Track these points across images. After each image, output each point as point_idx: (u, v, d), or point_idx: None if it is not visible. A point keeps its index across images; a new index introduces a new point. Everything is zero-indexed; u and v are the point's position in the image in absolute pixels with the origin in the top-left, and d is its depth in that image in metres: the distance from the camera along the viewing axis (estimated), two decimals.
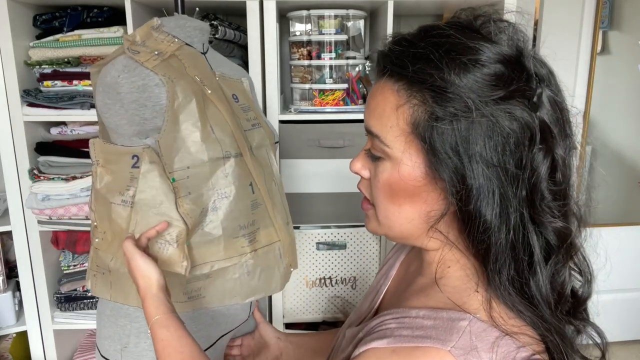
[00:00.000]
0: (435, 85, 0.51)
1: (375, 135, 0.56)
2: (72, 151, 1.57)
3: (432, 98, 0.51)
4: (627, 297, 2.41)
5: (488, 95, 0.50)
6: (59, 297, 1.66)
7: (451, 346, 0.50)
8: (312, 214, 1.64)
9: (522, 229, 0.52)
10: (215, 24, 1.53)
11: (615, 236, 2.33)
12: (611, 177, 2.49)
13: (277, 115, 1.56)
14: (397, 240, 0.63)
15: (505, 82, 0.50)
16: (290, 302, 1.73)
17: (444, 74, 0.50)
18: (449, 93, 0.50)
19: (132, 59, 0.84)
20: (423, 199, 0.56)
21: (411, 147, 0.54)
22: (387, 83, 0.55)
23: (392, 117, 0.54)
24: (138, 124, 0.84)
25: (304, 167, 1.60)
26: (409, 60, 0.53)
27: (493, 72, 0.51)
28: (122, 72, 0.83)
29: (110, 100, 0.84)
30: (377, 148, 0.57)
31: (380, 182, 0.57)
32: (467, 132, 0.50)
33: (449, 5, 1.74)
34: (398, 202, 0.57)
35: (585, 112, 2.24)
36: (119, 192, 0.87)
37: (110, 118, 0.85)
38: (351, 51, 1.65)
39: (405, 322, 0.57)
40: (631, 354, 2.40)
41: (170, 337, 0.73)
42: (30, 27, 1.55)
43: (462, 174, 0.51)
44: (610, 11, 2.23)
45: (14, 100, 1.49)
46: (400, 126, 0.54)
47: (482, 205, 0.51)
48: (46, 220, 1.56)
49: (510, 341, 0.52)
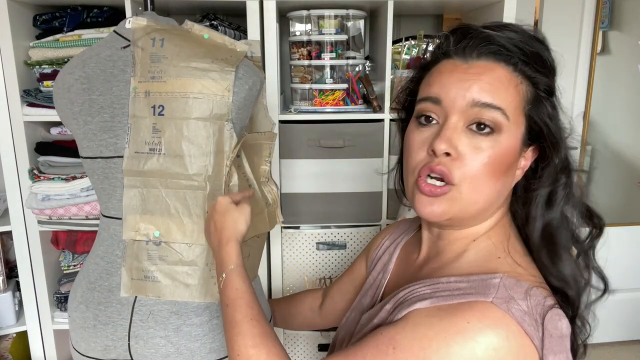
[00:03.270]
0: (540, 71, 0.65)
1: (498, 107, 0.61)
2: (72, 151, 1.57)
3: (537, 83, 0.64)
4: (627, 297, 2.41)
5: (554, 84, 0.67)
6: (59, 297, 1.66)
7: (492, 297, 0.56)
8: (312, 214, 1.64)
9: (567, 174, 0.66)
10: (215, 24, 1.53)
11: (615, 236, 2.33)
12: (611, 177, 2.49)
13: (277, 115, 1.55)
14: (461, 219, 0.67)
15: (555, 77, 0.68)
16: None
17: (548, 70, 0.66)
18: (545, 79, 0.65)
19: (252, 60, 1.01)
20: (513, 171, 0.65)
21: (519, 120, 0.63)
22: (497, 64, 0.63)
23: (512, 93, 0.63)
24: (249, 117, 0.99)
25: (304, 167, 1.60)
26: (527, 50, 0.64)
27: (554, 69, 0.68)
28: (259, 72, 0.99)
29: (250, 97, 0.95)
30: (493, 120, 0.62)
31: (489, 155, 0.62)
32: (551, 108, 0.65)
33: (449, 5, 1.74)
34: (499, 174, 0.63)
35: (585, 112, 2.24)
36: (256, 179, 1.00)
37: (242, 114, 0.95)
38: (351, 51, 1.65)
39: (439, 287, 0.62)
40: (631, 354, 2.40)
41: (244, 289, 0.73)
42: (30, 27, 1.55)
43: (554, 135, 0.64)
44: (610, 11, 2.24)
45: (14, 100, 1.49)
46: (516, 101, 0.63)
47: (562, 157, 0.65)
48: (46, 220, 1.56)
49: (538, 291, 0.59)
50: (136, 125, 0.92)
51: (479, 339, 0.54)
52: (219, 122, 0.90)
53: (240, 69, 0.92)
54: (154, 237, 0.92)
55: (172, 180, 0.91)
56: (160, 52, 0.90)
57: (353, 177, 1.60)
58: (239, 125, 0.94)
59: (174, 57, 0.90)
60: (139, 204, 0.93)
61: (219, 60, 0.91)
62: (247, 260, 0.98)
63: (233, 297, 0.72)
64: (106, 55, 0.96)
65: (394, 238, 0.87)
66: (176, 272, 0.92)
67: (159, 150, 0.90)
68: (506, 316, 0.55)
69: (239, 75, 0.92)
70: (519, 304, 0.56)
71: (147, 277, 0.92)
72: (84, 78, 0.96)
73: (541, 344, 0.56)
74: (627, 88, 2.37)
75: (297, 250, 1.68)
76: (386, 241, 0.89)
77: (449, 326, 0.55)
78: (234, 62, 0.92)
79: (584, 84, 2.21)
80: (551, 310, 0.58)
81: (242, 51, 0.96)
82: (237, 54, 0.94)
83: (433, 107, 0.64)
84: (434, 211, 0.63)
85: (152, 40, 0.91)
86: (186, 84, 0.89)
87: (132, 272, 0.94)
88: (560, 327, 0.58)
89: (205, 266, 0.92)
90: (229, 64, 0.91)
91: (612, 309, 2.42)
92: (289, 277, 1.70)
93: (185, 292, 0.91)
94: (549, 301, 0.59)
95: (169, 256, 0.92)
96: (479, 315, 0.55)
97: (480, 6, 1.66)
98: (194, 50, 0.91)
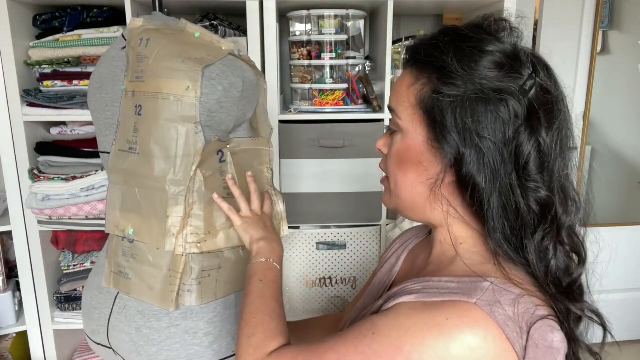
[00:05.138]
0: (438, 65, 0.61)
1: (392, 109, 0.67)
2: (72, 151, 1.57)
3: (437, 78, 0.61)
4: (627, 297, 2.41)
5: (483, 77, 0.58)
6: (59, 297, 1.66)
7: (477, 298, 0.56)
8: (312, 214, 1.64)
9: (512, 194, 0.59)
10: (215, 24, 1.53)
11: (615, 236, 2.33)
12: (611, 177, 2.49)
13: (277, 115, 1.56)
14: (406, 213, 0.71)
15: (498, 67, 0.59)
16: (290, 302, 1.73)
17: (446, 57, 0.60)
18: (449, 72, 0.59)
19: (241, 59, 0.93)
20: (424, 167, 0.64)
21: (416, 119, 0.63)
22: (407, 69, 0.66)
23: (405, 95, 0.65)
24: (237, 119, 0.93)
25: (304, 167, 1.60)
26: (423, 49, 0.64)
27: (490, 58, 0.59)
28: (245, 72, 0.91)
29: (227, 98, 0.89)
30: (393, 122, 0.67)
31: (393, 152, 0.67)
32: (462, 106, 0.58)
33: (449, 5, 1.74)
34: (404, 169, 0.66)
35: (585, 112, 2.24)
36: (222, 187, 0.92)
37: (217, 116, 0.89)
38: (351, 51, 1.65)
39: (429, 285, 0.62)
40: (631, 354, 2.40)
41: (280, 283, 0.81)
42: (30, 27, 1.55)
43: (456, 142, 0.59)
44: (610, 11, 2.24)
45: (14, 100, 1.49)
46: (410, 101, 0.64)
47: (474, 170, 0.59)
48: (46, 220, 1.56)
49: (529, 300, 0.57)
50: (123, 124, 0.93)
51: (455, 335, 0.54)
52: (188, 124, 0.86)
53: (216, 68, 0.87)
54: (128, 235, 0.93)
55: (143, 180, 0.90)
56: (144, 52, 0.90)
57: (353, 177, 1.60)
58: (215, 129, 0.89)
59: (152, 57, 0.88)
60: (120, 200, 0.94)
61: (190, 60, 0.86)
62: None
63: (272, 279, 0.80)
64: (112, 56, 0.98)
65: (403, 241, 0.88)
66: (143, 272, 0.91)
67: (135, 149, 0.90)
68: (488, 318, 0.54)
69: (211, 76, 0.86)
70: (504, 308, 0.55)
71: (121, 272, 0.94)
72: (97, 77, 0.99)
73: (523, 352, 0.55)
74: (627, 88, 2.37)
75: (297, 250, 1.68)
76: (396, 244, 0.89)
77: (427, 319, 0.56)
78: (210, 60, 0.86)
79: (584, 84, 2.20)
80: (542, 320, 0.56)
81: (226, 49, 0.90)
82: (220, 52, 0.89)
83: None
84: (383, 199, 0.75)
85: (140, 40, 0.91)
86: (159, 84, 0.87)
87: (112, 264, 0.96)
88: (550, 339, 0.56)
89: (167, 272, 0.89)
90: (200, 63, 0.85)
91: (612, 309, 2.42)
92: (289, 277, 1.70)
93: (148, 293, 0.91)
94: (541, 311, 0.57)
95: (139, 255, 0.92)
96: (459, 314, 0.55)
97: (480, 6, 1.66)
98: (171, 49, 0.88)
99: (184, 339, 0.90)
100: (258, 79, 0.96)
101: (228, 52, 0.90)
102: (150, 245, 0.90)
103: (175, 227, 0.88)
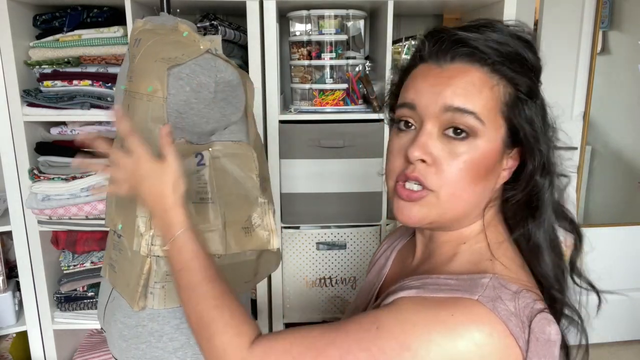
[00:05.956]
0: (518, 71, 0.62)
1: (470, 112, 0.60)
2: (72, 151, 1.57)
3: (517, 83, 0.62)
4: (627, 297, 2.41)
5: (536, 85, 0.64)
6: (59, 297, 1.66)
7: (479, 295, 0.56)
8: (312, 214, 1.64)
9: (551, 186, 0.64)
10: (215, 24, 1.53)
11: (615, 236, 2.33)
12: (611, 177, 2.49)
13: (277, 115, 1.56)
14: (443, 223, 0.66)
15: (538, 77, 0.65)
16: (290, 302, 1.73)
17: (529, 70, 0.63)
18: (525, 80, 0.62)
19: (219, 58, 0.88)
20: (496, 174, 0.64)
21: (497, 123, 0.61)
22: (471, 66, 0.62)
23: (487, 96, 0.61)
24: (217, 121, 0.89)
25: (304, 167, 1.60)
26: (495, 49, 0.61)
27: (537, 69, 0.65)
28: (218, 72, 0.86)
29: (197, 99, 0.85)
30: (468, 125, 0.60)
31: (465, 161, 0.60)
32: (530, 110, 0.62)
33: (449, 5, 1.74)
34: (477, 179, 0.61)
35: (585, 112, 2.24)
36: (194, 190, 0.89)
37: (189, 118, 0.86)
38: (351, 51, 1.65)
39: (428, 282, 0.61)
40: (631, 354, 2.40)
41: (198, 251, 0.69)
42: (30, 27, 1.55)
43: (529, 141, 0.62)
44: (610, 11, 2.24)
45: (14, 100, 1.49)
46: (492, 104, 0.61)
47: (538, 167, 0.63)
48: (46, 220, 1.56)
49: (527, 294, 0.58)
50: None
51: (461, 332, 0.54)
52: (159, 124, 0.84)
53: (186, 68, 0.85)
54: (118, 230, 0.94)
55: None
56: (135, 52, 0.91)
57: (353, 177, 1.60)
58: (189, 131, 0.87)
59: (138, 57, 0.89)
60: (116, 196, 0.96)
61: (162, 60, 0.85)
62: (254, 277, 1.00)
63: (187, 258, 0.68)
64: (126, 55, 1.02)
65: (390, 242, 0.88)
66: (124, 268, 0.92)
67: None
68: (491, 314, 0.55)
69: (180, 76, 0.84)
70: (505, 304, 0.56)
71: (112, 264, 0.96)
72: (118, 76, 1.05)
73: (526, 346, 0.56)
74: (627, 88, 2.37)
75: (297, 250, 1.68)
76: (384, 245, 0.89)
77: (433, 316, 0.55)
78: (181, 60, 0.85)
79: (584, 84, 2.20)
80: (540, 314, 0.57)
81: (204, 48, 0.88)
82: (197, 51, 0.87)
83: (410, 112, 0.64)
84: (411, 216, 0.63)
85: (135, 40, 0.92)
86: (137, 85, 0.87)
87: (107, 256, 0.99)
88: (548, 332, 0.57)
89: (138, 270, 0.89)
90: (169, 63, 0.84)
91: (612, 309, 2.42)
92: (289, 277, 1.70)
93: (125, 289, 0.92)
94: (539, 305, 0.58)
95: (123, 251, 0.93)
96: (463, 310, 0.55)
97: (480, 6, 1.66)
98: (153, 49, 0.88)
99: (149, 341, 0.89)
100: (243, 80, 0.92)
101: (205, 50, 0.87)
102: (129, 243, 0.91)
103: (142, 227, 0.87)
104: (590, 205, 2.42)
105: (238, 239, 0.94)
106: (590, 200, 2.42)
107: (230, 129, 0.93)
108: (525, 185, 0.64)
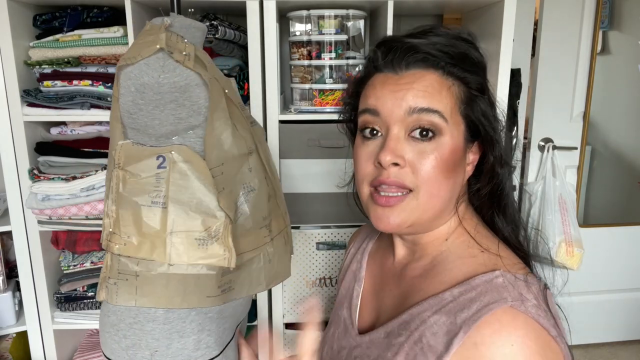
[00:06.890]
0: (469, 70, 0.65)
1: (435, 111, 0.62)
2: (72, 151, 1.57)
3: (468, 82, 0.66)
4: (627, 297, 2.41)
5: (485, 81, 0.68)
6: (59, 297, 1.66)
7: (510, 301, 0.56)
8: (312, 214, 1.64)
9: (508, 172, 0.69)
10: (215, 24, 1.53)
11: (615, 236, 2.33)
12: (611, 177, 2.49)
13: (277, 115, 1.56)
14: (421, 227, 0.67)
15: (485, 74, 0.69)
16: (290, 302, 1.73)
17: (477, 68, 0.67)
18: (475, 77, 0.66)
19: (171, 58, 0.84)
20: (462, 169, 0.66)
21: (457, 120, 0.64)
22: (426, 71, 0.64)
23: (446, 96, 0.63)
24: (172, 123, 0.85)
25: (304, 167, 1.60)
26: (445, 52, 0.64)
27: (483, 66, 0.69)
28: (162, 72, 0.83)
29: (143, 100, 0.83)
30: (434, 124, 0.62)
31: (435, 157, 0.62)
32: (484, 105, 0.66)
33: (449, 5, 1.74)
34: (449, 174, 0.63)
35: (585, 112, 2.24)
36: (148, 193, 0.85)
37: (140, 119, 0.85)
38: (351, 51, 1.65)
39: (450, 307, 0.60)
40: (631, 354, 2.40)
41: None
42: (30, 27, 1.55)
43: (489, 133, 0.66)
44: (610, 11, 2.24)
45: (14, 100, 1.49)
46: (451, 103, 0.64)
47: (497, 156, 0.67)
48: (46, 220, 1.56)
49: (530, 278, 0.60)
50: None
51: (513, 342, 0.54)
52: (119, 124, 0.87)
53: (136, 68, 0.83)
54: None
55: None
56: None
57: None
58: (143, 132, 0.85)
59: None
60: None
61: (124, 59, 0.85)
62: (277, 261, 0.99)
63: None
64: None
65: (358, 245, 0.88)
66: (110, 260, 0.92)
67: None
68: (528, 319, 0.55)
69: (129, 76, 0.83)
70: (529, 299, 0.57)
71: None
72: None
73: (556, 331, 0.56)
74: (627, 88, 2.38)
75: (297, 250, 1.68)
76: (352, 249, 0.89)
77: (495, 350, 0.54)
78: (134, 60, 0.84)
79: (584, 84, 2.20)
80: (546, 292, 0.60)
81: (159, 46, 0.84)
82: (150, 50, 0.84)
83: (373, 118, 0.65)
84: (390, 222, 0.64)
85: None
86: None
87: None
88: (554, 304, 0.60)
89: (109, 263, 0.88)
90: (123, 62, 0.84)
91: (612, 309, 2.42)
92: (289, 277, 1.70)
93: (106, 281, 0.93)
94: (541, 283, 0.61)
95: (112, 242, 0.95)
96: (512, 326, 0.55)
97: (480, 6, 1.66)
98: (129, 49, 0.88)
99: (109, 332, 0.89)
100: (205, 81, 0.86)
101: (158, 49, 0.83)
102: None
103: (106, 221, 0.88)
104: (590, 205, 2.42)
105: (189, 250, 0.87)
106: (590, 200, 2.42)
107: (197, 133, 0.87)
108: (490, 177, 0.68)
